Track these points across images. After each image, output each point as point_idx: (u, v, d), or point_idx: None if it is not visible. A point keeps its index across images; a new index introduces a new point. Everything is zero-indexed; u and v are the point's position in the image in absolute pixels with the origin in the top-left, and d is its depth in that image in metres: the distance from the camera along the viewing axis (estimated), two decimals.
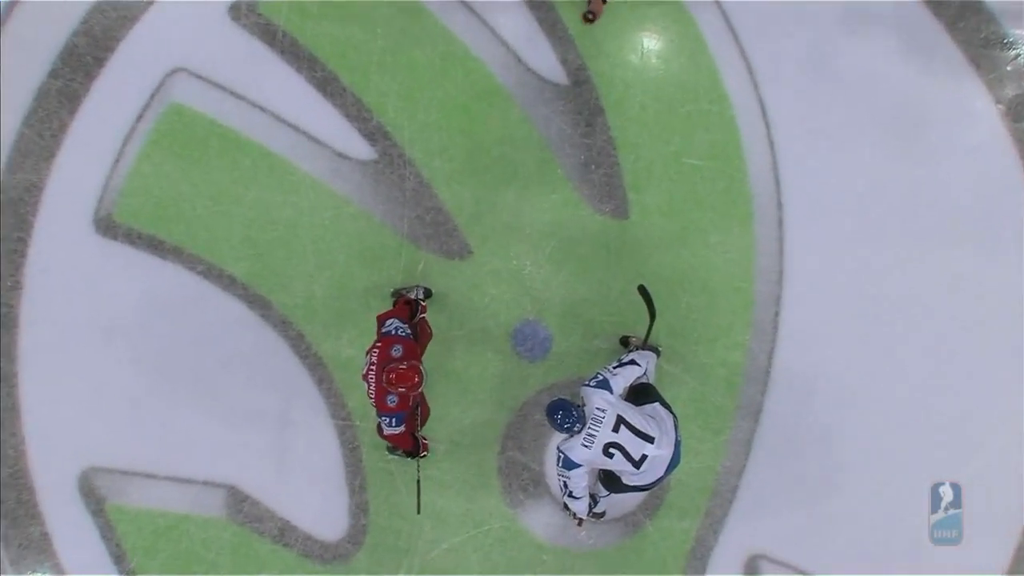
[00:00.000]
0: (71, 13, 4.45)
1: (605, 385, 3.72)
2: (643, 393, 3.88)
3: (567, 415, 3.64)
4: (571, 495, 3.82)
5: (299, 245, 4.47)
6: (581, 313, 4.51)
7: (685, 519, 4.53)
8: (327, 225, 4.48)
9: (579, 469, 3.72)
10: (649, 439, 3.69)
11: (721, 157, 4.53)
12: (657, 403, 3.83)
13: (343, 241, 4.48)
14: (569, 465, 3.71)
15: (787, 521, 4.52)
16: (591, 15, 4.48)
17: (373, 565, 4.49)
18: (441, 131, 4.50)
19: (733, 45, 4.53)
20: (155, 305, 4.44)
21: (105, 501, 4.44)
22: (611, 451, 3.67)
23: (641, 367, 3.86)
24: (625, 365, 3.83)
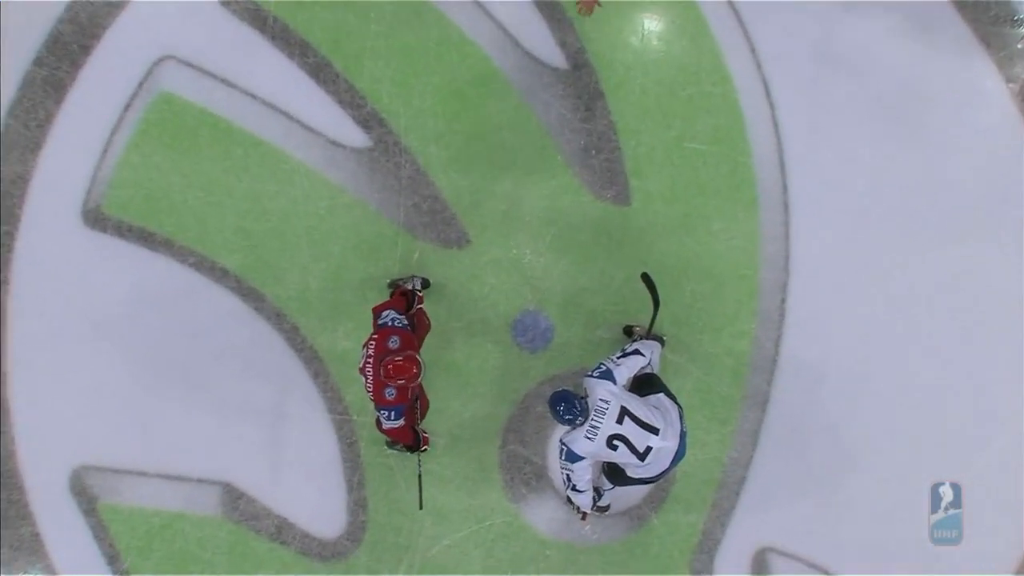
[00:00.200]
0: None
1: (608, 376, 3.68)
2: (647, 383, 3.85)
3: (570, 407, 3.60)
4: (574, 489, 3.79)
5: (293, 236, 4.43)
6: (583, 302, 4.46)
7: (691, 512, 4.49)
8: (321, 215, 4.43)
9: (582, 462, 3.68)
10: (654, 430, 3.64)
11: (725, 141, 4.46)
12: (662, 394, 3.80)
13: (338, 231, 4.43)
14: (572, 458, 3.68)
15: (796, 513, 4.48)
16: (581, 6, 4.32)
17: (373, 562, 4.46)
18: (437, 117, 4.44)
19: (736, 25, 4.45)
20: (146, 299, 4.40)
21: (97, 500, 4.41)
22: (615, 443, 3.63)
23: (645, 357, 3.85)
24: (629, 355, 3.81)
